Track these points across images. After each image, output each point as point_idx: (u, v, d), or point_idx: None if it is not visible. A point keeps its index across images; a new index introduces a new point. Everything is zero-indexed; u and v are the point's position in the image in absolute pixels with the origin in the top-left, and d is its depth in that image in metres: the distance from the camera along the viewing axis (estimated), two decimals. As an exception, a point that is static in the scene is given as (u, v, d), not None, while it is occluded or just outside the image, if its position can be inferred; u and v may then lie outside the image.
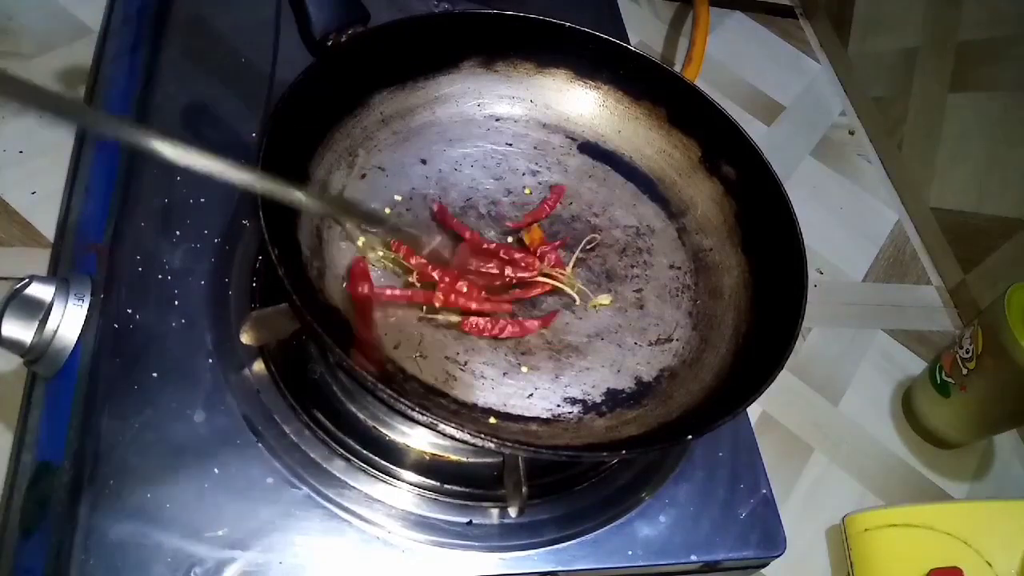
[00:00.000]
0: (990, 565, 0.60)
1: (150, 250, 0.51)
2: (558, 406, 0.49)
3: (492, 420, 0.47)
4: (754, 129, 0.96)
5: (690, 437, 0.46)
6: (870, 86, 1.01)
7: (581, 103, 0.63)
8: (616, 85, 0.63)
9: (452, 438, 0.42)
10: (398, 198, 0.55)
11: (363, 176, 0.55)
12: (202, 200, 0.54)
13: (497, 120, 0.62)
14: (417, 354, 0.48)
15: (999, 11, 0.83)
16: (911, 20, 0.94)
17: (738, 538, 0.52)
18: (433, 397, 0.47)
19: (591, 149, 0.63)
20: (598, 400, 0.50)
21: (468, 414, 0.47)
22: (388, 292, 0.49)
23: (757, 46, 1.07)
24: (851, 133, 1.01)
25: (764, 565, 0.54)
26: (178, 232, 0.52)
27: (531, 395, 0.49)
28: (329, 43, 0.52)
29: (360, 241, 0.51)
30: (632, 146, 0.63)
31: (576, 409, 0.50)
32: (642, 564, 0.49)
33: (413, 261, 0.51)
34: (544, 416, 0.49)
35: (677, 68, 0.93)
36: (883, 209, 0.95)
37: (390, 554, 0.45)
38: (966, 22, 0.87)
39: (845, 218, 0.92)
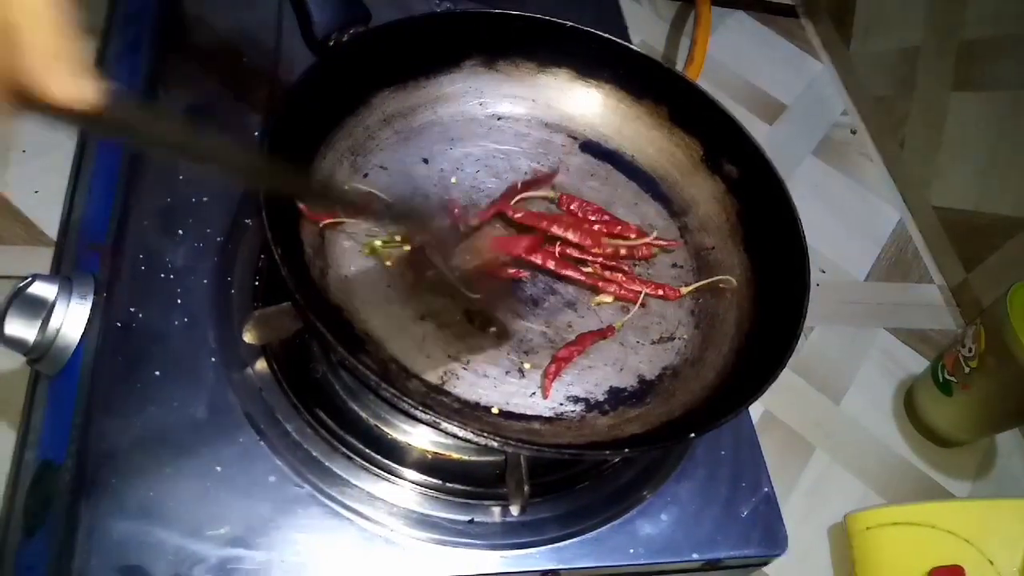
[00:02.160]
0: (992, 563, 0.60)
1: (153, 249, 0.51)
2: (561, 404, 0.49)
3: (495, 419, 0.47)
4: (756, 128, 0.96)
5: (693, 435, 0.46)
6: (872, 85, 1.01)
7: (583, 102, 0.63)
8: (618, 84, 0.63)
9: (455, 436, 0.42)
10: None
11: (365, 175, 0.55)
12: (204, 199, 0.54)
13: (499, 119, 0.62)
14: (420, 353, 0.48)
15: (1001, 10, 0.83)
16: (913, 19, 0.94)
17: (740, 536, 0.52)
18: (436, 396, 0.47)
19: (593, 148, 0.63)
20: (601, 399, 0.50)
21: (471, 413, 0.47)
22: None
23: (759, 45, 1.07)
24: (853, 132, 1.01)
25: (766, 563, 0.54)
26: (180, 231, 0.53)
27: (534, 393, 0.49)
28: (331, 43, 0.52)
29: (373, 244, 0.51)
30: (634, 145, 0.63)
31: (579, 408, 0.50)
32: (644, 562, 0.49)
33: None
34: (547, 415, 0.49)
35: (679, 67, 0.93)
36: (885, 208, 0.95)
37: (392, 552, 0.45)
38: (968, 21, 0.86)
39: (847, 217, 0.92)
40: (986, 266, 0.84)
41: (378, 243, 0.51)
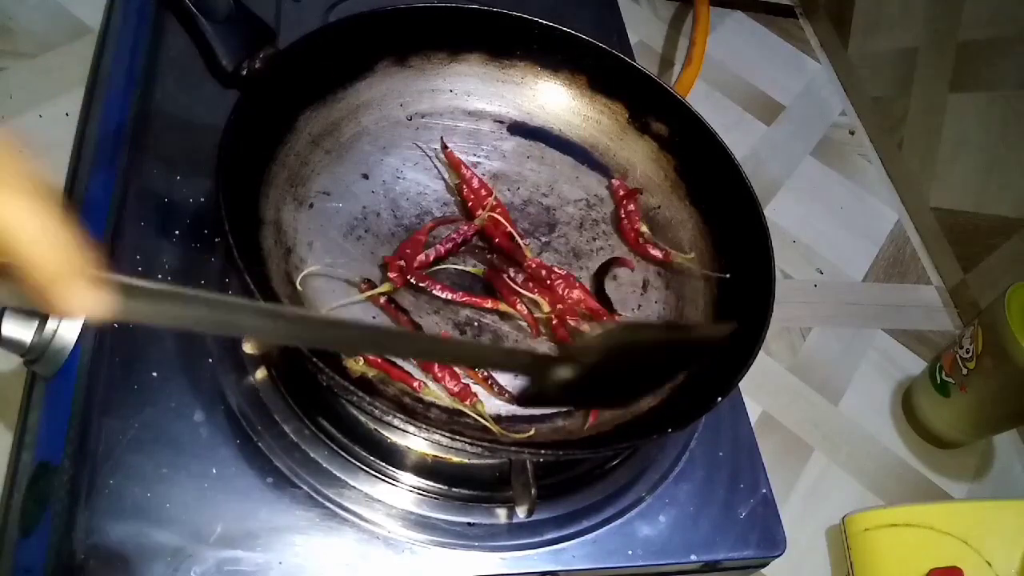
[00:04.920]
0: (990, 565, 0.60)
1: (150, 249, 0.51)
2: None
3: (521, 426, 0.47)
4: (754, 129, 0.96)
5: (720, 399, 0.45)
6: (870, 86, 1.01)
7: (500, 84, 0.63)
8: (532, 60, 0.62)
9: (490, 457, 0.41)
10: (354, 224, 0.53)
11: (311, 206, 0.53)
12: (202, 200, 0.54)
13: (423, 117, 0.61)
14: (426, 378, 0.48)
15: (999, 11, 0.83)
16: (911, 20, 0.94)
17: (738, 538, 0.52)
18: (459, 419, 0.47)
19: (521, 129, 0.63)
20: (607, 378, 0.51)
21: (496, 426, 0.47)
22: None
23: (757, 46, 1.07)
24: (851, 133, 1.01)
25: (764, 565, 0.54)
26: (178, 232, 0.52)
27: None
28: (244, 72, 0.50)
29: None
30: (559, 119, 0.63)
31: None
32: (642, 564, 0.49)
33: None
34: (565, 409, 0.49)
35: (677, 68, 0.93)
36: (883, 209, 0.95)
37: (390, 554, 0.45)
38: (966, 22, 0.86)
39: (845, 218, 0.92)
40: (984, 267, 0.84)
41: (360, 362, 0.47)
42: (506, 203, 0.58)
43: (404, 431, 0.44)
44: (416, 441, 0.49)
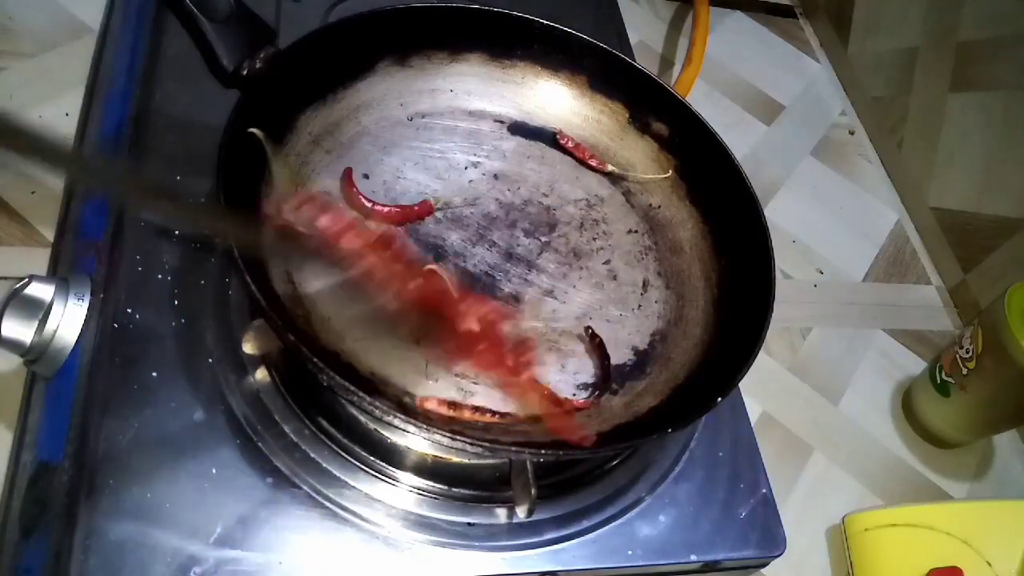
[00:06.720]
0: (990, 565, 0.60)
1: (150, 249, 0.51)
2: (574, 395, 0.50)
3: (522, 426, 0.47)
4: (754, 129, 0.96)
5: (720, 399, 0.45)
6: (870, 86, 1.01)
7: (501, 84, 0.63)
8: (532, 60, 0.62)
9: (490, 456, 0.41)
10: None
11: None
12: (201, 200, 0.54)
13: (423, 117, 0.61)
14: (428, 379, 0.48)
15: (999, 11, 0.83)
16: (911, 20, 0.94)
17: (738, 538, 0.52)
18: (459, 419, 0.47)
19: (521, 129, 0.63)
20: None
21: (497, 427, 0.47)
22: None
23: (757, 46, 1.07)
24: (851, 133, 1.01)
25: (764, 565, 0.54)
26: (177, 232, 0.52)
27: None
28: (244, 72, 0.50)
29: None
30: (560, 118, 0.63)
31: (590, 394, 0.50)
32: (642, 564, 0.49)
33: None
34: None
35: (677, 68, 0.94)
36: (883, 209, 0.95)
37: (390, 554, 0.45)
38: (966, 22, 0.87)
39: (845, 218, 0.92)
40: (984, 267, 0.84)
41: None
42: (506, 203, 0.58)
43: (404, 431, 0.44)
44: (416, 441, 0.49)
